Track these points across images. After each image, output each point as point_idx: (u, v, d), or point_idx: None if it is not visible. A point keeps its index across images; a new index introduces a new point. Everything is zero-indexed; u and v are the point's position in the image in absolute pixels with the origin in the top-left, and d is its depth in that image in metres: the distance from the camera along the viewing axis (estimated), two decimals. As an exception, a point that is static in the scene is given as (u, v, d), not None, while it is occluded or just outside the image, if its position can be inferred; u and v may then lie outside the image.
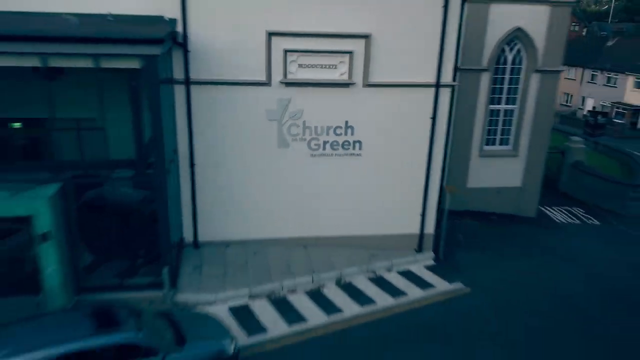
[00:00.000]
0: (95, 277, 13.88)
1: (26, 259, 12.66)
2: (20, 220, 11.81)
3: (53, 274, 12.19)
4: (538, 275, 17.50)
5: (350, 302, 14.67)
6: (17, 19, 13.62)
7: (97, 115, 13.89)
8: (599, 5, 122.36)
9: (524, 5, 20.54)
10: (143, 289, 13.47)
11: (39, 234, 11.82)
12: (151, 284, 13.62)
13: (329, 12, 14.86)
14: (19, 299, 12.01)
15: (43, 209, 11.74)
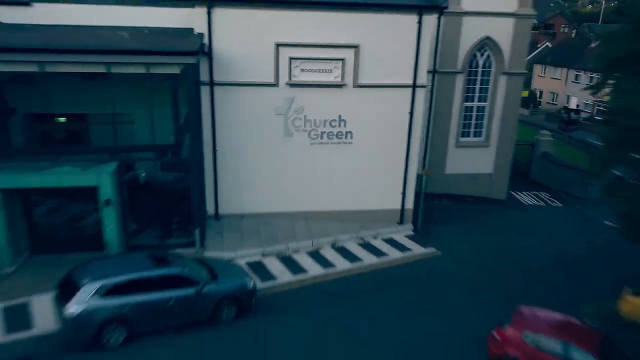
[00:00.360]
0: (140, 238, 17.52)
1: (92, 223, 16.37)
2: (90, 189, 15.46)
3: (112, 231, 15.86)
4: (499, 244, 21.13)
5: (342, 259, 18.30)
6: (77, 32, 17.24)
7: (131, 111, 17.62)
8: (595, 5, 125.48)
9: (492, 17, 24.14)
10: (178, 247, 17.06)
11: (103, 200, 15.46)
12: (185, 243, 17.24)
13: (325, 27, 18.45)
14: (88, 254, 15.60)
15: (106, 181, 15.39)
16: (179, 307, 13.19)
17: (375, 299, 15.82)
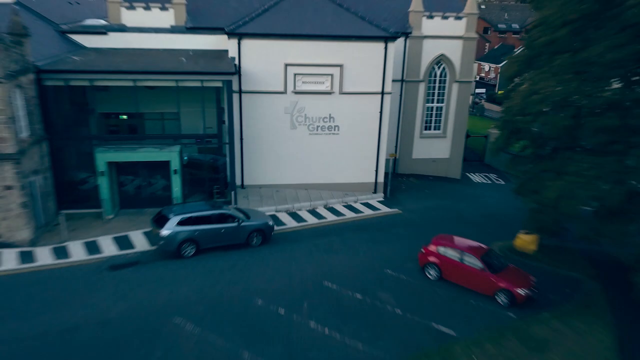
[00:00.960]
0: (191, 199, 25.51)
1: (161, 186, 24.40)
2: (164, 163, 23.48)
3: (178, 192, 23.90)
4: (446, 206, 29.12)
5: (331, 214, 26.34)
6: (147, 55, 25.20)
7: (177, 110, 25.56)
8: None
9: (445, 40, 32.03)
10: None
11: (173, 169, 23.48)
12: (224, 201, 25.23)
13: (319, 52, 26.38)
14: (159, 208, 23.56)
15: (175, 157, 23.40)
16: (226, 234, 21.22)
17: (350, 234, 23.89)
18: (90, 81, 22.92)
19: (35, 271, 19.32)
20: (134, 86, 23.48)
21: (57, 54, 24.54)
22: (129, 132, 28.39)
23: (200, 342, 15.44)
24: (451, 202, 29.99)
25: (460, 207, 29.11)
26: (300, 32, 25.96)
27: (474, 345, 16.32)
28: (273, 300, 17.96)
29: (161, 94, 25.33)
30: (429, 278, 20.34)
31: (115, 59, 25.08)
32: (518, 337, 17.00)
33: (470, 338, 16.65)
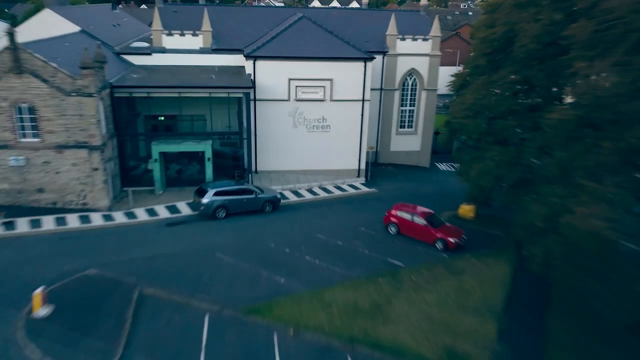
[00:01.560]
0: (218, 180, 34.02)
1: (196, 170, 32.95)
2: (200, 152, 32.03)
3: (210, 175, 32.46)
4: (413, 188, 37.55)
5: (324, 192, 34.86)
6: (183, 70, 33.68)
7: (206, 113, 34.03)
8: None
9: (415, 56, 40.41)
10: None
11: (207, 157, 32.04)
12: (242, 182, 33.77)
13: (314, 69, 34.79)
14: (195, 187, 32.01)
15: (208, 148, 31.97)
16: (247, 203, 29.75)
17: (337, 206, 32.47)
18: (147, 93, 31.46)
19: (115, 227, 27.85)
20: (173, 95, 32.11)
21: (118, 71, 33.00)
22: (165, 130, 36.84)
23: (234, 267, 23.98)
24: (418, 185, 38.46)
25: (424, 188, 37.59)
26: (300, 55, 34.41)
27: (414, 271, 24.88)
28: (281, 244, 26.50)
29: (192, 100, 33.77)
30: (390, 233, 28.89)
31: (160, 75, 33.60)
32: (445, 266, 25.58)
33: (412, 267, 25.21)
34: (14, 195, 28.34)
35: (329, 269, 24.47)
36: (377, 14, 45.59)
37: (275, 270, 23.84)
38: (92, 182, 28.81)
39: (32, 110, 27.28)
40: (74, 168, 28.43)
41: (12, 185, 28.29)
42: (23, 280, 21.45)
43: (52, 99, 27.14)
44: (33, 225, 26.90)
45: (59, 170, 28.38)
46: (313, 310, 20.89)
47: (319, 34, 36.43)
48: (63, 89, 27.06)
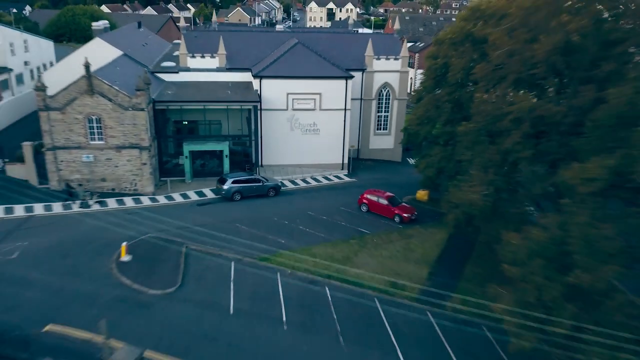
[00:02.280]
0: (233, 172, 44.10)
1: (216, 164, 43.06)
2: (220, 151, 42.10)
3: (227, 168, 42.55)
4: (386, 177, 47.58)
5: (314, 182, 45.02)
6: (205, 86, 43.69)
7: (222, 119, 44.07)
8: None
9: (388, 73, 50.32)
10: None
11: (225, 154, 42.12)
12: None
13: (307, 85, 44.75)
14: (215, 177, 42.04)
15: (226, 148, 42.10)
16: (256, 189, 39.91)
17: (324, 192, 42.64)
18: (180, 106, 41.43)
19: (159, 206, 37.89)
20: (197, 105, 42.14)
21: (155, 87, 42.82)
22: (188, 132, 46.69)
23: (248, 232, 34.08)
24: (389, 175, 48.52)
25: (394, 178, 47.65)
26: (295, 75, 44.36)
27: (376, 236, 35.09)
28: (281, 218, 36.64)
29: (211, 109, 43.62)
30: (362, 210, 39.08)
31: (187, 90, 43.52)
32: (399, 233, 35.81)
33: (375, 233, 35.41)
34: (84, 183, 38.35)
35: (316, 234, 34.60)
36: (358, 37, 55.47)
37: (278, 234, 33.98)
38: (142, 174, 38.85)
39: (99, 120, 37.24)
40: (128, 163, 38.47)
41: (83, 175, 38.31)
42: (106, 240, 31.56)
43: (114, 112, 37.10)
44: (101, 205, 36.97)
45: (117, 164, 38.41)
46: (304, 259, 31.03)
47: (311, 57, 46.33)
48: (122, 105, 37.01)
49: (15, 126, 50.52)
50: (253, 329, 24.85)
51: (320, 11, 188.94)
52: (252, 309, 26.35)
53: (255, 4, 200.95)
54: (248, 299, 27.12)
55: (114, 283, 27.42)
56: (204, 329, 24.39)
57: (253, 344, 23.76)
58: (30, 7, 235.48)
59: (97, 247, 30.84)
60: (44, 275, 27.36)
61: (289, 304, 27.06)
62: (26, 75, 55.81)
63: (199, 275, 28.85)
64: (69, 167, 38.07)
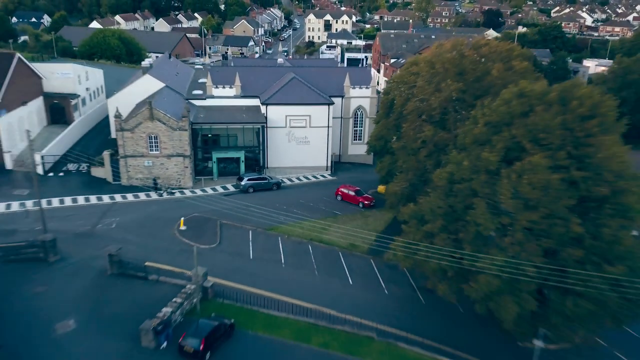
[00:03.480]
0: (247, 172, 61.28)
1: (235, 166, 60.36)
2: (237, 157, 59.33)
3: (242, 170, 59.75)
4: (359, 176, 64.65)
5: (305, 179, 62.23)
6: (226, 110, 60.89)
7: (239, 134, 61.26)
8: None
9: (361, 98, 67.32)
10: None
11: (242, 160, 59.36)
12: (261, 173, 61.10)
13: (300, 110, 61.85)
14: (235, 176, 59.23)
15: (242, 155, 59.40)
16: (264, 185, 57.22)
17: (312, 187, 59.89)
18: (210, 126, 58.59)
19: (197, 196, 54.99)
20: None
21: (190, 111, 59.80)
22: (213, 143, 63.61)
23: (259, 213, 51.20)
24: (362, 175, 65.51)
25: (365, 177, 64.64)
26: (292, 102, 61.43)
27: (345, 216, 52.26)
28: (281, 204, 53.78)
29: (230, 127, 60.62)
30: (337, 199, 56.29)
31: (213, 113, 60.55)
32: (361, 214, 53.10)
33: (344, 214, 52.67)
34: (145, 181, 55.46)
35: (304, 214, 51.69)
36: (339, 70, 72.61)
37: (279, 214, 51.05)
38: (184, 174, 55.98)
39: (156, 137, 54.30)
40: (175, 166, 55.59)
41: (144, 175, 55.42)
42: (166, 218, 48.65)
43: (167, 132, 54.18)
44: (169, 194, 54.13)
45: (167, 167, 55.52)
46: (296, 229, 48.10)
47: (303, 88, 63.38)
48: (172, 127, 54.09)
49: (84, 139, 67.62)
50: (264, 267, 41.96)
51: (318, 22, 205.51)
52: (263, 256, 43.50)
53: (258, 16, 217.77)
54: (260, 251, 44.28)
55: (178, 241, 44.51)
56: (235, 266, 41.47)
57: (264, 274, 40.83)
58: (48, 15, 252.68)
59: (164, 221, 47.96)
60: (134, 237, 44.42)
61: (286, 254, 44.23)
62: (87, 98, 72.84)
63: (229, 238, 45.98)
64: (135, 169, 55.20)
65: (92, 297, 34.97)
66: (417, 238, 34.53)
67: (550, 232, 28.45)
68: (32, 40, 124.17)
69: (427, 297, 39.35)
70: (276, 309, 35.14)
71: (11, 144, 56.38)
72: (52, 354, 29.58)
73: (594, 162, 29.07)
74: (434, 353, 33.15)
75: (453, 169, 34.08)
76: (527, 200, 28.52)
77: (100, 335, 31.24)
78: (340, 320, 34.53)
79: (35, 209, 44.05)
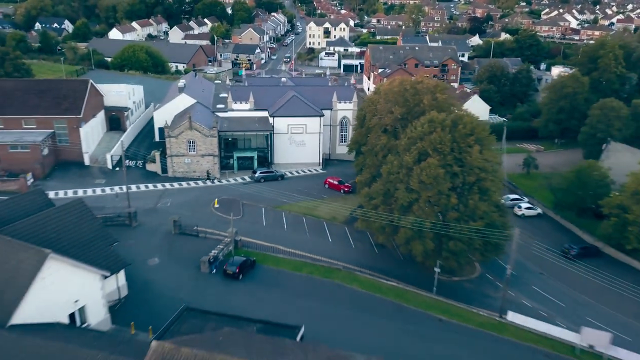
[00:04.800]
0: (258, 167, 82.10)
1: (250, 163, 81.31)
2: (251, 156, 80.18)
3: (255, 165, 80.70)
4: (344, 170, 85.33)
5: (302, 172, 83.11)
6: (243, 120, 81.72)
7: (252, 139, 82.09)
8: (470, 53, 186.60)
9: (346, 110, 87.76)
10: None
11: (255, 158, 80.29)
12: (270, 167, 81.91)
13: (299, 120, 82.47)
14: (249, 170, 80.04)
15: (255, 154, 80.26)
16: (272, 177, 78.06)
17: (308, 178, 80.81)
18: (232, 133, 79.29)
19: (223, 185, 75.78)
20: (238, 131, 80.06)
21: (216, 121, 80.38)
22: (232, 146, 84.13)
23: (268, 197, 72.04)
24: (345, 170, 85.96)
25: (347, 171, 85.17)
26: (292, 114, 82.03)
27: (330, 199, 73.18)
28: (286, 190, 74.56)
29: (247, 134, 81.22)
30: (325, 187, 77.15)
31: (233, 123, 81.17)
32: (342, 198, 74.07)
33: (330, 197, 73.57)
34: (185, 173, 76.23)
35: (301, 197, 72.46)
36: (330, 89, 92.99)
37: (282, 197, 71.76)
38: (214, 168, 76.76)
39: (193, 142, 74.99)
40: (207, 163, 76.35)
41: (184, 169, 76.22)
42: (204, 200, 69.53)
43: (201, 138, 74.84)
44: (196, 184, 74.99)
45: (202, 164, 76.29)
46: (294, 207, 68.90)
47: (301, 103, 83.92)
48: (205, 134, 74.77)
49: (134, 142, 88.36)
50: (272, 230, 62.74)
51: (318, 30, 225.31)
52: (272, 224, 64.36)
53: (263, 23, 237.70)
54: (270, 221, 65.16)
55: (214, 215, 65.30)
56: (254, 229, 62.19)
57: (272, 234, 61.49)
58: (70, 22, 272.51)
59: (203, 201, 68.79)
60: (184, 211, 65.12)
61: (287, 223, 65.10)
62: (134, 110, 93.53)
63: (249, 212, 66.79)
64: (178, 165, 75.93)
65: (165, 246, 55.88)
66: (368, 209, 55.23)
67: (439, 203, 49.09)
68: (71, 53, 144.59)
69: (379, 249, 60.19)
70: (280, 254, 56.00)
71: (87, 146, 77.19)
72: (150, 275, 50.39)
73: (468, 161, 49.60)
74: (376, 278, 53.93)
75: (390, 166, 54.69)
76: (426, 184, 49.12)
77: (175, 266, 52.11)
78: (320, 260, 55.35)
79: (121, 192, 65.08)
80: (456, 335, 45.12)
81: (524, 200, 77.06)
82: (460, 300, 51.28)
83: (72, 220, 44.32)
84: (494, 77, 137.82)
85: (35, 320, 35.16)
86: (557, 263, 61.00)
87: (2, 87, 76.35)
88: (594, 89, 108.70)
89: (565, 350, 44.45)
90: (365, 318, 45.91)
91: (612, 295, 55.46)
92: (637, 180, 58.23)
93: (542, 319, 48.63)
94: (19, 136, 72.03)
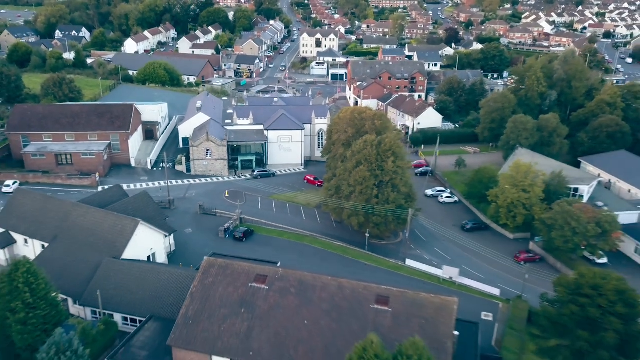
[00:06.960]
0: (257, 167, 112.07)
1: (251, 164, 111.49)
2: (251, 159, 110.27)
3: (255, 166, 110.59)
4: (321, 169, 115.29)
5: (288, 171, 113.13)
6: (245, 131, 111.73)
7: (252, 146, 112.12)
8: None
9: (321, 124, 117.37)
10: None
11: (255, 160, 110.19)
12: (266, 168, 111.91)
13: (286, 132, 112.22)
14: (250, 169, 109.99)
15: (254, 158, 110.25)
16: (266, 175, 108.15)
17: (294, 176, 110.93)
18: (237, 142, 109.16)
19: (231, 180, 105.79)
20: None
21: (225, 132, 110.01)
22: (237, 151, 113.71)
23: (263, 189, 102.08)
24: (321, 169, 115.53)
25: (322, 170, 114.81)
26: (281, 128, 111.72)
27: (307, 190, 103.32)
28: (276, 185, 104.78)
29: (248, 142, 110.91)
30: (304, 182, 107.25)
31: (238, 134, 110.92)
32: (315, 189, 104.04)
33: (307, 190, 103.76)
34: (203, 172, 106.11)
35: (286, 189, 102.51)
36: (310, 107, 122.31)
37: (272, 189, 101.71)
38: (225, 169, 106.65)
39: (209, 150, 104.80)
40: (219, 165, 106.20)
41: (203, 169, 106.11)
42: (218, 191, 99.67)
43: (215, 147, 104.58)
44: (212, 180, 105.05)
45: (215, 165, 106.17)
46: (281, 196, 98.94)
47: (288, 119, 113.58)
48: (218, 144, 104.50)
49: (164, 148, 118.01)
50: (266, 212, 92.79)
51: (310, 40, 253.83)
52: (265, 208, 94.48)
53: (262, 33, 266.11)
54: (264, 205, 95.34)
55: (226, 202, 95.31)
56: (253, 211, 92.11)
57: (266, 214, 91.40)
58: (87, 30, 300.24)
59: (217, 192, 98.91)
60: (205, 199, 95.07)
61: (276, 207, 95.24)
62: (162, 123, 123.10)
63: (250, 200, 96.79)
64: (198, 166, 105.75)
65: (194, 221, 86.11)
66: (328, 196, 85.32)
67: (366, 193, 79.14)
68: (102, 69, 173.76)
69: (336, 224, 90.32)
70: (270, 227, 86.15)
71: (133, 152, 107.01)
72: (187, 239, 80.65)
73: (385, 168, 79.43)
74: (331, 241, 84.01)
75: (339, 170, 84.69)
76: (359, 182, 78.99)
77: (202, 233, 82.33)
78: (296, 231, 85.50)
79: (164, 186, 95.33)
80: (373, 272, 75.25)
81: (446, 191, 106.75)
82: (383, 255, 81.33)
83: (143, 203, 74.72)
84: (452, 89, 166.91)
85: (132, 257, 65.34)
86: (456, 234, 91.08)
87: (73, 110, 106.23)
88: (521, 103, 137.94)
89: (435, 280, 74.55)
90: (321, 263, 75.99)
91: (485, 254, 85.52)
92: (504, 179, 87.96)
93: (431, 265, 78.69)
94: (87, 146, 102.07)
